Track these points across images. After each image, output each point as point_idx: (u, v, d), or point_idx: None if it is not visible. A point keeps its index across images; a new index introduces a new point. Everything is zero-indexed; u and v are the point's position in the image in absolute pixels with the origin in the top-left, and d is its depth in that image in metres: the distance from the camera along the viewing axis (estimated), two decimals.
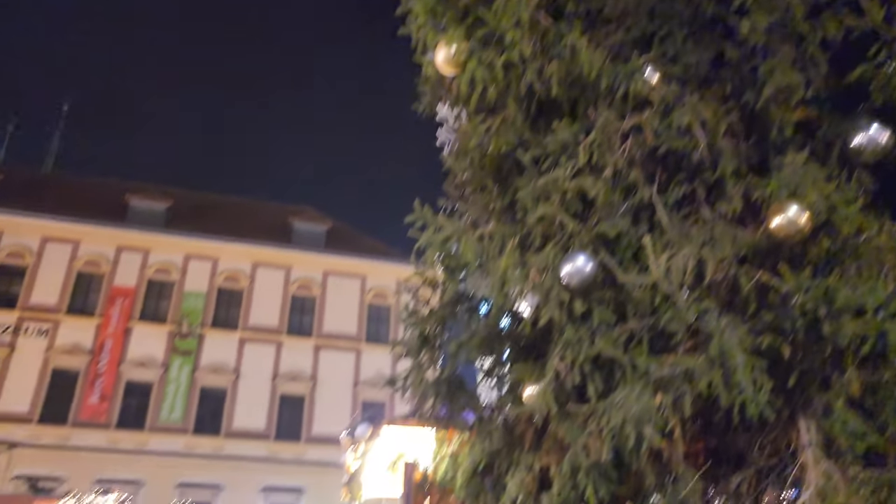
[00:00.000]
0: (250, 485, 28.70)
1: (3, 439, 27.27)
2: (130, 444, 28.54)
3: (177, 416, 29.72)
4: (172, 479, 27.26)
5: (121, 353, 29.94)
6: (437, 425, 5.44)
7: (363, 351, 32.59)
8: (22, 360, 28.80)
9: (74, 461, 26.54)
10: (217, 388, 30.76)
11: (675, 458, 3.93)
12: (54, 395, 28.67)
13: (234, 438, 29.82)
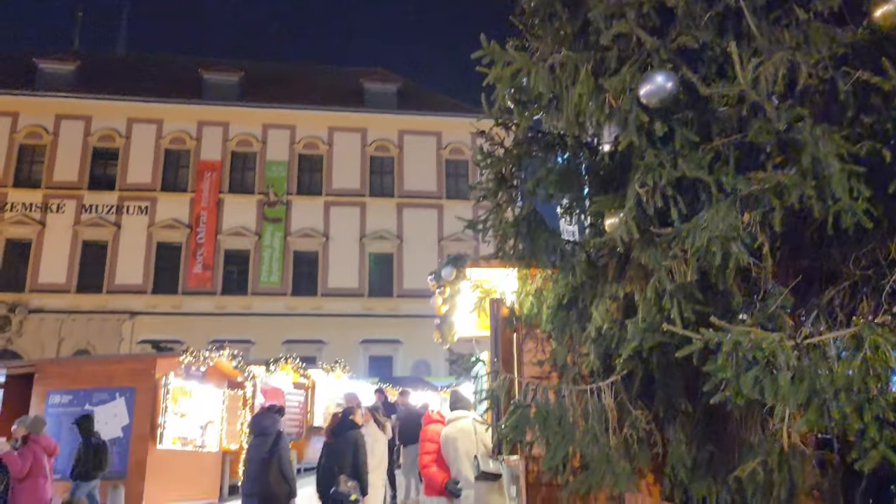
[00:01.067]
0: (350, 339, 30.62)
1: (125, 309, 29.87)
2: (236, 308, 30.70)
3: (275, 280, 31.52)
4: (278, 337, 29.37)
5: (216, 225, 31.53)
6: (520, 264, 5.50)
7: (445, 207, 33.02)
8: (129, 237, 30.83)
9: (188, 326, 28.89)
10: (309, 252, 32.20)
11: (764, 276, 3.85)
12: (162, 267, 30.84)
13: (330, 297, 31.52)
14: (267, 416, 7.82)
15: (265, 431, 7.54)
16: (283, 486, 7.25)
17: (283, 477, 7.28)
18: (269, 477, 7.18)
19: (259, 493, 7.15)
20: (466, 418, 6.00)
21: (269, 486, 7.16)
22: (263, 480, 7.16)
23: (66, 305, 29.52)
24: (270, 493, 7.13)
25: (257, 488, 7.18)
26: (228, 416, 13.20)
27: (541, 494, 5.13)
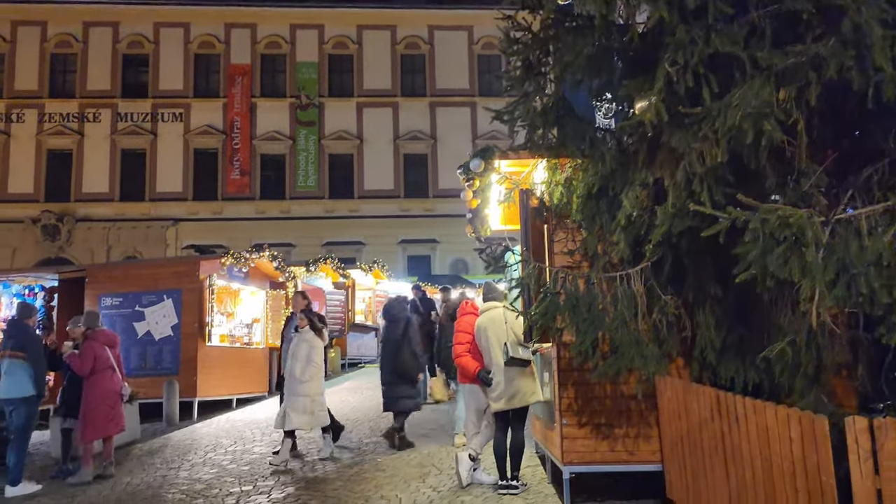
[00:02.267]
0: (387, 239, 31.00)
1: (168, 216, 30.55)
2: (275, 212, 31.14)
3: (312, 184, 31.73)
4: (317, 239, 29.87)
5: (250, 130, 31.55)
6: (549, 154, 5.42)
7: (478, 104, 32.39)
8: (165, 144, 31.11)
9: (230, 230, 29.50)
10: (344, 154, 32.18)
11: (799, 155, 3.73)
12: (201, 173, 31.21)
13: (367, 199, 31.70)
14: (397, 304, 8.83)
15: (396, 317, 8.51)
16: (413, 361, 8.32)
17: (413, 354, 8.32)
18: (403, 354, 8.24)
19: (394, 369, 8.26)
20: (498, 308, 6.12)
21: (403, 362, 8.23)
22: (398, 358, 8.25)
23: (112, 214, 30.31)
24: (403, 367, 8.22)
25: (393, 364, 8.28)
26: (272, 315, 13.68)
27: (572, 379, 5.27)
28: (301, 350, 7.95)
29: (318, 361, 7.93)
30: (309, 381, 7.81)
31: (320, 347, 8.04)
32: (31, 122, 30.67)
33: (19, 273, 12.43)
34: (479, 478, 6.29)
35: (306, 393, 7.79)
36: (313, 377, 7.85)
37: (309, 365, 7.85)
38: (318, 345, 8.02)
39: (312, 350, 7.94)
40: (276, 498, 6.27)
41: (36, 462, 8.38)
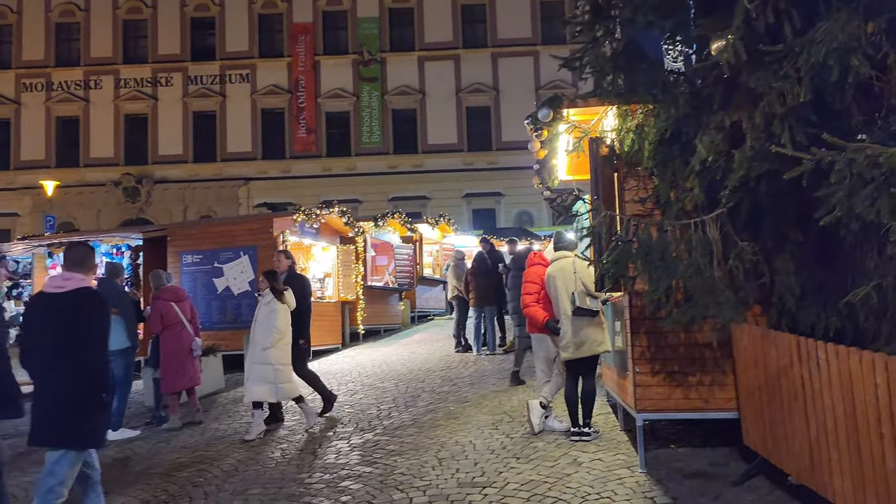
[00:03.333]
0: (452, 194, 31.06)
1: (239, 176, 31.40)
2: (341, 169, 31.57)
3: (376, 140, 31.94)
4: (382, 195, 30.19)
5: (315, 88, 31.85)
6: (619, 100, 5.31)
7: (541, 53, 31.72)
8: (234, 105, 31.79)
9: (298, 188, 30.10)
10: (407, 110, 32.18)
11: (889, 91, 3.56)
12: (268, 133, 31.83)
13: (430, 154, 31.72)
14: (523, 254, 8.94)
15: (523, 266, 8.63)
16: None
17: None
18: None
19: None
20: (568, 257, 6.12)
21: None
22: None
23: (186, 175, 31.36)
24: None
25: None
26: (343, 270, 14.02)
27: (645, 327, 5.25)
28: (261, 315, 7.39)
29: (279, 327, 7.29)
30: (270, 349, 7.26)
31: (282, 311, 7.37)
32: (108, 89, 31.80)
33: (107, 233, 13.11)
34: (550, 425, 6.39)
35: (267, 360, 7.25)
36: (275, 344, 7.26)
37: (270, 331, 7.26)
38: (280, 308, 7.35)
39: (273, 314, 7.33)
40: (356, 443, 6.53)
41: (132, 410, 8.93)
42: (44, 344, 3.90)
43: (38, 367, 3.94)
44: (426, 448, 6.14)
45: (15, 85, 31.82)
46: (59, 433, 3.89)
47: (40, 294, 4.10)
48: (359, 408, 8.12)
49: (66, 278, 4.04)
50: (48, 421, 3.89)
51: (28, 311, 4.27)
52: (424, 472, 5.43)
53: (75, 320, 3.89)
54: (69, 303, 3.91)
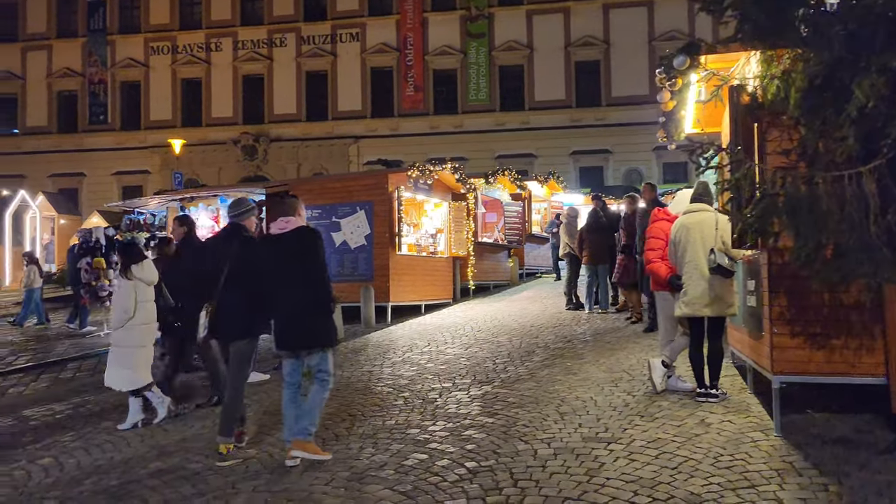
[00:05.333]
0: (559, 151, 30.53)
1: (349, 134, 32.11)
2: (448, 127, 31.63)
3: (483, 97, 31.72)
4: (489, 152, 30.06)
5: (422, 46, 31.89)
6: (764, 44, 4.97)
7: (656, 4, 30.30)
8: (344, 65, 32.37)
9: (406, 146, 30.45)
10: (514, 66, 31.70)
11: None
12: (377, 91, 32.27)
13: (537, 111, 31.22)
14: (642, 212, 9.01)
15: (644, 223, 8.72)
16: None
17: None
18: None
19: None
20: (708, 211, 5.86)
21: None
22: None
23: (299, 133, 32.40)
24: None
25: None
26: (454, 226, 14.15)
27: (784, 287, 4.99)
28: (114, 294, 6.96)
29: (125, 306, 6.63)
30: (117, 331, 6.77)
31: (126, 288, 6.70)
32: (227, 51, 33.14)
33: (232, 188, 13.79)
34: (674, 384, 6.25)
35: (116, 343, 6.77)
36: (122, 324, 6.67)
37: (117, 311, 6.76)
38: (124, 285, 6.74)
39: (120, 293, 6.85)
40: (475, 395, 6.65)
41: (260, 355, 9.44)
42: (280, 272, 4.98)
43: (275, 287, 5.01)
44: (546, 402, 6.17)
45: (144, 49, 33.72)
46: (315, 335, 4.99)
47: (269, 235, 5.26)
48: (474, 361, 8.24)
49: (285, 222, 5.09)
50: (300, 328, 4.97)
51: (260, 247, 5.34)
52: (547, 426, 5.46)
53: (302, 249, 4.99)
54: (294, 239, 5.03)
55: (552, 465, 4.58)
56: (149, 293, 6.82)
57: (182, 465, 5.27)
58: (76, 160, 33.51)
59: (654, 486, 4.10)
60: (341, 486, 4.52)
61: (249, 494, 4.50)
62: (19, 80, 34.59)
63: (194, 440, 6.00)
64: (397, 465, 4.82)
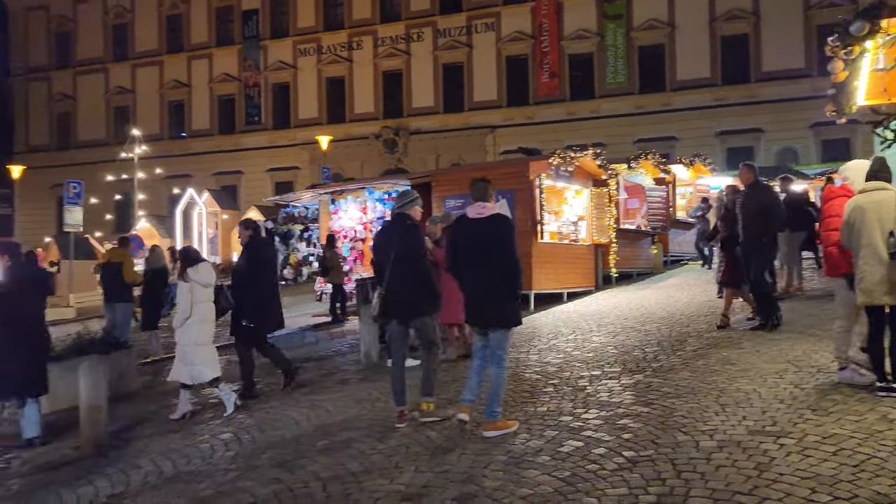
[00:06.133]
0: (703, 132, 29.10)
1: (485, 124, 32.32)
2: (585, 112, 31.06)
3: (621, 79, 30.85)
4: (628, 137, 29.19)
5: (558, 31, 31.46)
6: None
7: None
8: (480, 55, 32.59)
9: (542, 134, 30.23)
10: (654, 45, 30.55)
11: None
12: (512, 80, 32.24)
13: (679, 92, 29.95)
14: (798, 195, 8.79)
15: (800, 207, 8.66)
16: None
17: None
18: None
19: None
20: (889, 190, 5.37)
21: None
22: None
23: (437, 125, 33.03)
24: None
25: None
26: (596, 213, 13.89)
27: None
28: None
29: (182, 306, 7.24)
30: (177, 329, 7.34)
31: (183, 290, 7.27)
32: (367, 49, 34.39)
33: (378, 181, 14.32)
34: (847, 377, 5.81)
35: (177, 340, 7.34)
36: (182, 324, 7.23)
37: (180, 312, 7.33)
38: (181, 287, 7.30)
39: (179, 295, 7.41)
40: (627, 383, 6.52)
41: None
42: (474, 254, 5.32)
43: (468, 268, 5.39)
44: (704, 392, 5.94)
45: (292, 51, 35.70)
46: (502, 316, 5.29)
47: (465, 218, 5.53)
48: (623, 349, 8.08)
49: (483, 207, 5.43)
50: (490, 307, 5.28)
51: (454, 231, 5.74)
52: (707, 417, 5.26)
53: (498, 235, 5.32)
54: (492, 224, 5.35)
55: (717, 457, 4.42)
56: (205, 294, 7.30)
57: (347, 443, 5.57)
58: (235, 159, 36.11)
59: (833, 483, 3.85)
60: (499, 469, 4.61)
61: (412, 474, 4.69)
62: (185, 87, 37.73)
63: (355, 421, 6.32)
64: (553, 451, 4.84)
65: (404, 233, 5.89)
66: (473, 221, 5.41)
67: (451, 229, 5.84)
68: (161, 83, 38.11)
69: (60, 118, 40.65)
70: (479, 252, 5.30)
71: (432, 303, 6.00)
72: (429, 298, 5.89)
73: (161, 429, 7.06)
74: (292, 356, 10.43)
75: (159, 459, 5.92)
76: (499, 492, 4.22)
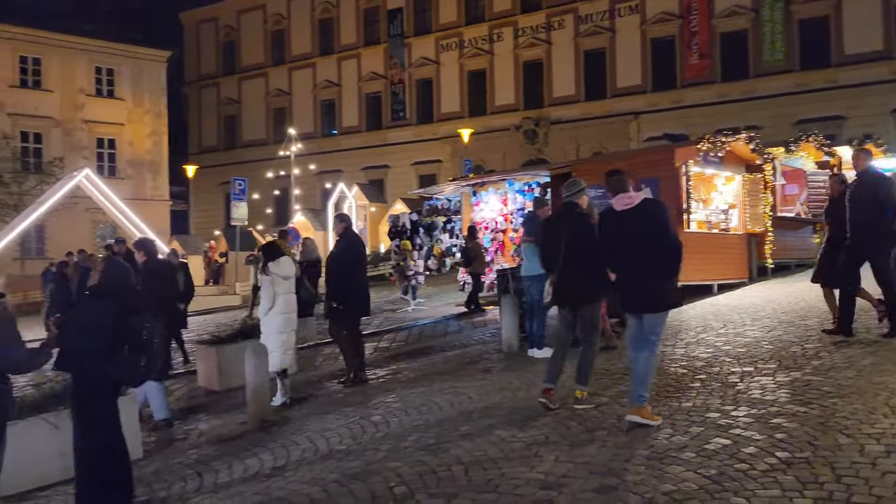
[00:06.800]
0: (876, 110, 26.56)
1: (628, 111, 31.38)
2: (737, 94, 29.30)
3: (779, 56, 28.81)
4: (787, 118, 27.17)
5: (708, 9, 29.88)
6: None
7: None
8: (623, 39, 31.67)
9: (689, 118, 28.87)
10: (817, 17, 28.26)
11: None
12: (658, 63, 31.01)
13: (846, 67, 27.51)
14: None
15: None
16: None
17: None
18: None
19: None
20: None
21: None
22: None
23: (578, 114, 32.49)
24: None
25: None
26: (749, 200, 13.11)
27: None
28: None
29: (266, 298, 7.83)
30: (262, 319, 7.98)
31: (265, 283, 7.84)
32: (507, 40, 34.45)
33: (518, 172, 14.39)
34: None
35: (262, 330, 7.99)
36: (265, 315, 7.88)
37: (264, 303, 7.93)
38: (264, 280, 7.87)
39: (262, 287, 7.99)
40: (782, 381, 6.16)
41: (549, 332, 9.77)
42: (633, 240, 5.28)
43: (623, 257, 5.39)
44: (872, 393, 5.50)
45: (435, 47, 36.50)
46: (661, 299, 5.32)
47: (612, 210, 5.48)
48: (779, 345, 7.62)
49: (628, 197, 5.37)
50: (650, 291, 5.28)
51: (603, 220, 5.66)
52: (874, 419, 4.88)
53: (657, 219, 5.31)
54: (648, 209, 5.34)
55: (884, 463, 4.10)
56: (286, 286, 7.85)
57: (488, 430, 5.71)
58: (381, 154, 37.53)
59: None
60: (641, 463, 4.54)
61: (552, 463, 4.73)
62: (336, 87, 39.68)
63: (496, 408, 6.45)
64: (698, 448, 4.69)
65: (574, 221, 6.04)
66: (623, 213, 5.38)
67: (599, 225, 5.78)
68: (314, 84, 40.29)
69: (227, 120, 44.12)
70: (636, 241, 5.29)
71: (600, 290, 6.03)
72: (597, 286, 5.90)
73: (316, 409, 7.57)
74: (435, 344, 10.82)
75: (315, 437, 6.36)
76: (640, 486, 4.17)
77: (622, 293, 5.60)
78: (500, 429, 5.68)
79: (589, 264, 5.83)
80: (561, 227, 6.12)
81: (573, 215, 6.12)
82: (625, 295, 5.58)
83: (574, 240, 5.94)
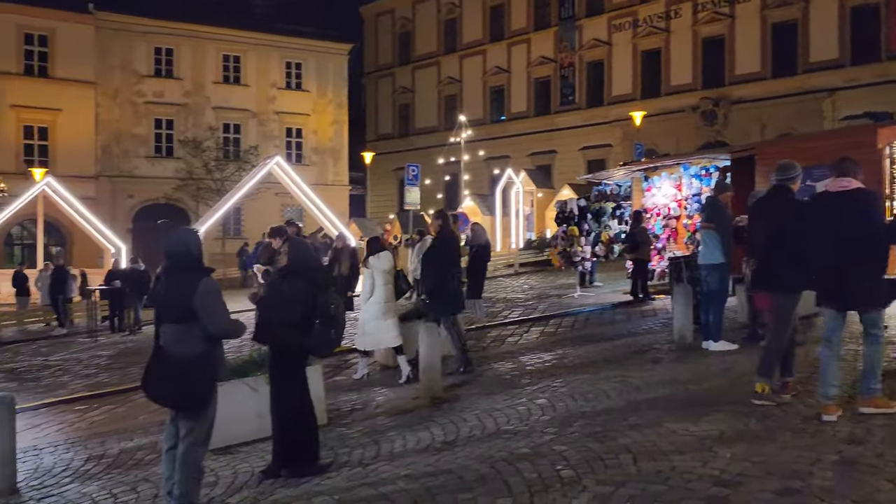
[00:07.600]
0: None
1: (822, 87, 28.63)
2: None
3: None
4: None
5: None
6: None
7: None
8: (816, 9, 28.91)
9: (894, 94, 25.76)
10: None
11: None
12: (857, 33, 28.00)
13: None
14: None
15: None
16: None
17: None
18: None
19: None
20: None
21: None
22: None
23: (763, 92, 30.13)
24: None
25: None
26: None
27: None
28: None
29: (365, 288, 8.61)
30: (362, 307, 8.75)
31: (365, 275, 8.64)
32: (686, 16, 32.71)
33: (695, 156, 13.70)
34: None
35: (360, 317, 8.83)
36: (364, 303, 8.63)
37: (363, 293, 8.70)
38: (365, 273, 8.67)
39: (363, 278, 8.81)
40: None
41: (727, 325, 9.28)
42: (839, 230, 5.09)
43: (832, 245, 5.14)
44: None
45: (607, 28, 35.50)
46: (869, 296, 5.08)
47: (826, 193, 5.36)
48: None
49: (846, 182, 5.17)
50: (854, 287, 5.06)
51: (811, 205, 5.60)
52: None
53: (865, 210, 5.15)
54: (857, 198, 5.13)
55: None
56: (384, 278, 8.55)
57: (657, 422, 5.57)
58: (548, 139, 37.24)
59: None
60: (828, 468, 4.26)
61: (727, 460, 4.54)
62: (505, 73, 39.89)
63: (666, 401, 6.28)
64: None
65: (782, 206, 5.81)
66: (836, 194, 5.20)
67: (809, 207, 5.60)
68: (484, 71, 40.75)
69: (401, 109, 45.91)
70: (845, 227, 5.10)
71: (797, 279, 5.67)
72: (795, 273, 5.63)
73: (484, 389, 7.79)
74: (602, 331, 10.67)
75: (483, 416, 6.56)
76: (828, 493, 3.91)
77: (822, 284, 5.34)
78: (670, 421, 5.53)
79: (790, 251, 5.60)
80: (766, 211, 5.97)
81: (783, 200, 5.86)
82: (823, 287, 5.33)
83: (779, 224, 5.71)
